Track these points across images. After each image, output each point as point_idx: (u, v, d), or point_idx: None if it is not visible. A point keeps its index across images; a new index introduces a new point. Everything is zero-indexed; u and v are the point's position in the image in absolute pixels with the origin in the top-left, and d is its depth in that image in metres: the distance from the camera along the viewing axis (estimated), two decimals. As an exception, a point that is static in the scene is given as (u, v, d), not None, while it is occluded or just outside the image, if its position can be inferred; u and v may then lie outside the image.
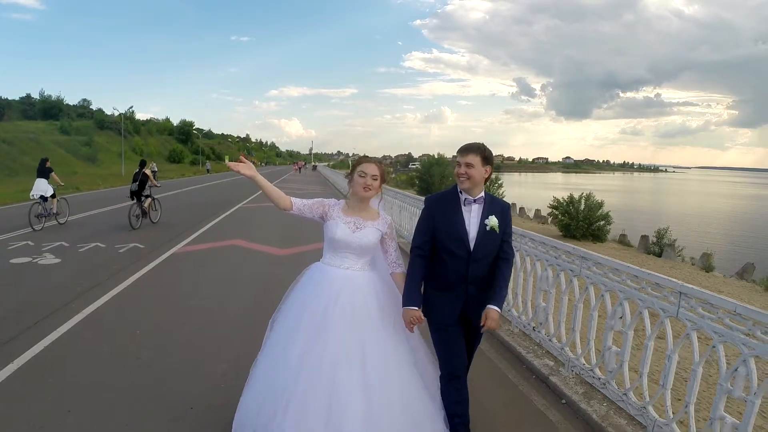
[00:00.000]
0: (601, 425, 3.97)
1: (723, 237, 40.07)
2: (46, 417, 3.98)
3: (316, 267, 3.43)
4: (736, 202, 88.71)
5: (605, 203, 28.54)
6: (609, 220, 28.66)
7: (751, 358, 3.04)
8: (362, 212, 3.38)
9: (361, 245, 3.30)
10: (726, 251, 30.98)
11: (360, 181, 3.29)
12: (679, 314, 3.58)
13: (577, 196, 28.67)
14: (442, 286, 3.34)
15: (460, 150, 3.28)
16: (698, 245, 29.16)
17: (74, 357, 5.14)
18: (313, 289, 3.29)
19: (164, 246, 11.28)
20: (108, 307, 6.87)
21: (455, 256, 3.25)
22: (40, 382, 4.54)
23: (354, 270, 3.32)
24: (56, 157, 53.70)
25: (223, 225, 15.38)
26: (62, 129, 68.65)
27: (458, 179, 3.26)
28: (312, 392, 2.94)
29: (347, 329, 3.10)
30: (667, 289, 3.73)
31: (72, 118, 77.48)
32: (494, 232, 3.26)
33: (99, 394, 4.37)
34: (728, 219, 56.08)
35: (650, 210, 58.30)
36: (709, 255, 22.18)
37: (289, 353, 3.09)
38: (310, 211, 3.36)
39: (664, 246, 24.68)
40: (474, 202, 3.28)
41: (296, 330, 3.15)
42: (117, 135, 74.55)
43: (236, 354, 5.19)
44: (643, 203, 73.03)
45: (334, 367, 2.99)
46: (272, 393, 3.03)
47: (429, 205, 3.39)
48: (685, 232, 37.39)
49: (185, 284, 8.26)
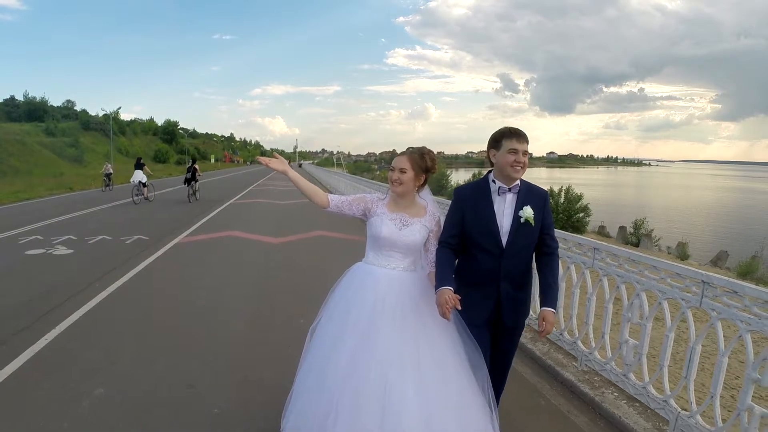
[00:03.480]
0: (620, 419, 3.90)
1: (701, 227, 40.92)
2: (99, 363, 4.80)
3: (359, 268, 3.23)
4: (717, 195, 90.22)
5: (586, 196, 29.33)
6: (588, 212, 29.62)
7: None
8: (408, 208, 3.17)
9: (407, 244, 3.10)
10: (703, 241, 31.83)
11: (390, 175, 3.14)
12: (703, 303, 3.45)
13: (556, 190, 29.60)
14: (471, 283, 3.09)
15: None
16: (676, 235, 29.90)
17: (107, 324, 5.90)
18: (357, 290, 3.09)
19: (167, 237, 11.97)
20: (128, 286, 7.62)
21: (486, 251, 3.03)
22: (84, 342, 5.34)
23: (399, 270, 3.13)
24: (43, 158, 53.89)
25: (218, 219, 16.17)
26: (47, 130, 68.67)
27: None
28: (363, 397, 2.77)
29: (397, 331, 2.92)
30: (689, 279, 3.61)
31: (57, 120, 77.45)
32: (529, 225, 3.02)
33: (139, 348, 5.18)
34: (707, 211, 57.15)
35: (632, 203, 59.23)
36: (684, 244, 22.97)
37: (337, 358, 2.90)
38: (350, 208, 3.18)
39: (641, 236, 25.58)
40: (509, 191, 3.05)
41: (342, 334, 2.96)
42: (102, 136, 74.77)
43: (247, 321, 6.08)
44: (625, 197, 74.04)
45: (385, 370, 2.81)
46: (320, 401, 2.87)
47: (458, 197, 3.16)
48: (665, 224, 38.24)
49: (192, 268, 9.01)
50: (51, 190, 27.16)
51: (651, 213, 42.02)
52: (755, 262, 18.31)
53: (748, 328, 3.11)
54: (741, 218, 48.97)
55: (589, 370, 4.64)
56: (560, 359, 4.93)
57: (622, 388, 4.22)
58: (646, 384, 3.95)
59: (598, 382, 4.43)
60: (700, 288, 3.47)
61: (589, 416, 4.08)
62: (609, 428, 3.91)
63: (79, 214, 16.81)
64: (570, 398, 4.40)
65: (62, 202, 21.15)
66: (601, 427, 3.92)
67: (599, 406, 4.13)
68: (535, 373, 4.88)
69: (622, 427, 3.85)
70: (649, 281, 3.95)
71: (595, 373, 4.56)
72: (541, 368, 4.98)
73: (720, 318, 3.31)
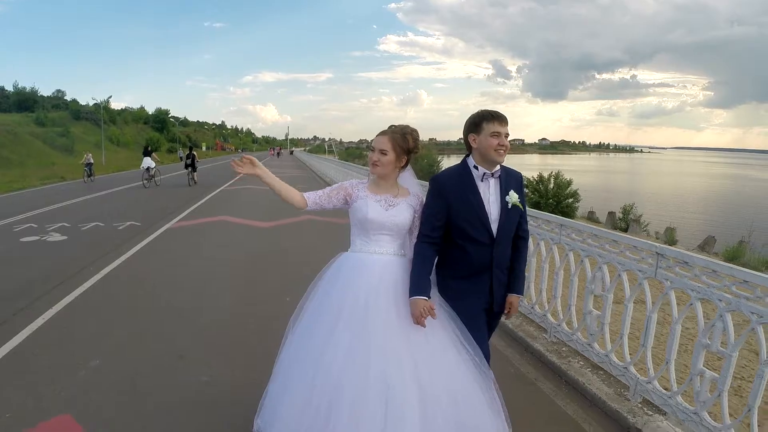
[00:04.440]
0: (584, 385, 4.15)
1: (691, 214, 40.98)
2: (94, 338, 5.10)
3: (347, 257, 3.05)
4: (708, 182, 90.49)
5: (578, 183, 29.42)
6: (577, 197, 29.80)
7: (727, 313, 3.11)
8: (390, 189, 3.02)
9: (396, 224, 2.94)
10: (692, 226, 31.85)
11: (370, 156, 3.01)
12: (657, 274, 3.64)
13: (546, 175, 29.82)
14: (464, 276, 2.98)
15: None
16: (666, 221, 30.00)
17: (101, 304, 6.18)
18: (348, 282, 2.90)
19: (158, 223, 12.26)
20: (121, 267, 7.96)
21: (476, 241, 2.90)
22: (80, 319, 5.64)
23: (390, 255, 2.97)
24: (34, 149, 53.62)
25: (210, 204, 16.68)
26: (38, 120, 68.30)
27: None
28: (363, 398, 2.62)
29: (394, 323, 2.77)
30: (645, 251, 3.82)
31: (47, 110, 77.16)
32: (517, 209, 2.95)
33: (132, 324, 5.50)
34: (698, 197, 57.32)
35: (623, 189, 59.37)
36: (672, 229, 23.05)
37: (330, 358, 2.72)
38: (329, 201, 3.02)
39: (630, 221, 25.79)
40: (491, 176, 2.92)
41: (334, 331, 2.78)
42: (93, 125, 74.39)
43: (235, 298, 6.47)
44: (617, 183, 74.25)
45: (385, 368, 2.66)
46: (311, 404, 2.69)
47: (439, 186, 2.94)
48: (656, 209, 38.31)
49: (184, 250, 9.44)
50: (43, 180, 27.25)
51: (642, 199, 42.14)
52: (742, 247, 18.29)
53: (698, 296, 3.33)
54: (731, 205, 49.16)
55: (558, 341, 4.92)
56: (531, 331, 5.22)
57: (588, 357, 4.49)
58: (609, 352, 4.21)
59: (565, 352, 4.70)
60: (654, 260, 3.70)
61: (554, 383, 4.35)
62: (573, 393, 4.18)
63: (72, 202, 16.99)
64: (538, 367, 4.67)
65: (55, 191, 21.25)
66: (565, 393, 4.19)
67: (565, 373, 4.41)
68: (507, 345, 5.15)
69: (585, 393, 4.13)
70: (610, 254, 4.19)
71: (563, 344, 4.84)
72: (513, 340, 5.26)
73: (673, 287, 3.55)
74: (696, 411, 3.33)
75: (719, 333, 3.19)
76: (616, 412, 3.80)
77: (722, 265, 3.32)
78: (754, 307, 2.97)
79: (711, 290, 3.25)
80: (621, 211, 28.60)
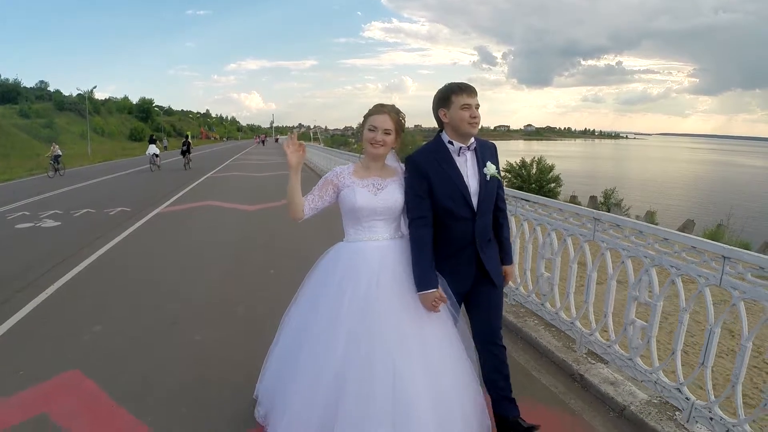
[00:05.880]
0: (536, 340, 4.64)
1: (673, 198, 41.28)
2: (94, 309, 5.58)
3: (343, 247, 2.96)
4: (691, 167, 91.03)
5: (563, 168, 29.76)
6: (559, 182, 30.26)
7: (652, 268, 3.50)
8: (379, 171, 2.92)
9: (388, 207, 2.85)
10: (674, 210, 32.27)
11: (369, 136, 2.83)
12: (595, 237, 4.08)
13: (528, 161, 30.27)
14: (448, 254, 2.92)
15: None
16: (647, 205, 30.32)
17: (98, 280, 6.68)
18: (346, 271, 2.81)
19: (148, 209, 12.74)
20: (115, 248, 8.49)
21: (458, 217, 2.85)
22: (80, 294, 6.11)
23: (386, 240, 2.88)
24: (18, 141, 53.41)
25: (196, 190, 17.35)
26: (21, 112, 68.03)
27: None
28: (368, 390, 2.57)
29: (396, 310, 2.72)
30: (585, 217, 4.25)
31: (31, 101, 76.64)
32: (495, 180, 2.94)
33: (128, 297, 5.98)
34: (680, 182, 57.80)
35: (607, 175, 59.65)
36: (652, 213, 23.41)
37: (333, 352, 2.67)
38: (322, 200, 2.90)
39: (611, 205, 26.05)
40: (468, 149, 2.89)
41: (335, 323, 2.72)
42: (77, 116, 73.96)
43: (222, 272, 7.03)
44: (601, 168, 74.43)
45: (391, 358, 2.61)
46: (316, 401, 2.66)
47: (417, 165, 2.87)
48: (639, 194, 38.76)
49: (174, 232, 10.01)
50: (30, 171, 27.42)
51: (625, 184, 42.47)
52: (720, 230, 18.49)
53: (628, 255, 3.76)
54: (713, 190, 49.54)
55: (516, 303, 5.38)
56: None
57: (541, 316, 4.97)
58: (558, 310, 4.68)
59: (522, 313, 5.17)
60: (593, 224, 4.15)
61: (511, 339, 4.77)
62: (527, 347, 4.65)
63: (62, 191, 17.38)
64: (498, 327, 5.17)
65: (44, 181, 21.42)
66: (520, 347, 4.65)
67: (521, 330, 4.88)
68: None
69: (537, 347, 4.60)
70: (557, 222, 4.66)
71: (521, 306, 5.31)
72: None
73: (608, 248, 3.99)
74: (630, 357, 3.75)
75: (646, 286, 3.61)
76: (563, 361, 4.25)
77: (647, 225, 3.79)
78: (673, 261, 3.38)
79: (638, 248, 3.67)
80: (602, 195, 28.94)
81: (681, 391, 3.33)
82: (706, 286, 3.15)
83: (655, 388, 3.56)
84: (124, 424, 3.36)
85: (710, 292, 3.16)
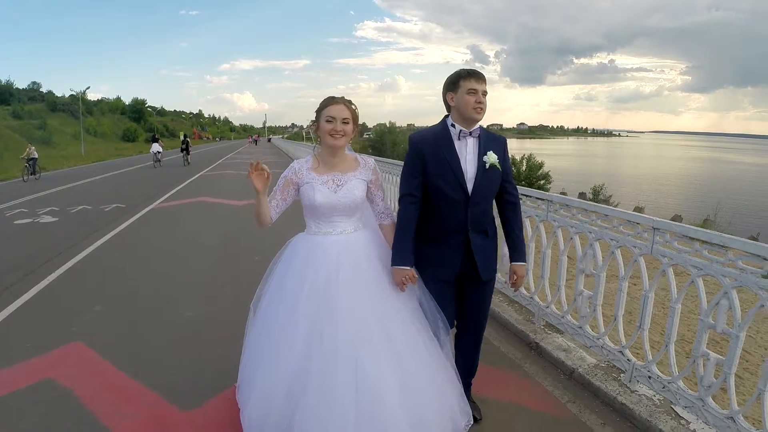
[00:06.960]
0: (500, 314, 4.98)
1: (662, 194, 41.44)
2: (94, 292, 5.98)
3: (303, 239, 2.95)
4: (683, 165, 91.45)
5: (555, 166, 30.12)
6: (549, 179, 30.68)
7: (596, 241, 3.63)
8: (338, 165, 2.89)
9: (347, 204, 2.83)
10: (661, 206, 32.64)
11: (327, 128, 2.78)
12: (548, 217, 4.28)
13: (519, 158, 30.68)
14: (437, 237, 2.93)
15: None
16: (636, 201, 30.38)
17: (97, 268, 7.13)
18: (305, 262, 2.80)
19: (142, 205, 13.19)
20: (112, 240, 8.96)
21: (451, 200, 2.85)
22: (80, 279, 6.54)
23: (348, 233, 2.87)
24: (12, 141, 53.37)
25: (189, 187, 17.86)
26: (14, 113, 68.27)
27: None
28: (331, 381, 2.52)
29: (358, 300, 2.69)
30: (540, 200, 4.49)
31: (23, 102, 76.92)
32: (496, 170, 2.90)
33: (126, 282, 6.41)
34: (671, 179, 57.95)
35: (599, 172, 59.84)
36: (641, 208, 23.78)
37: (292, 341, 2.64)
38: (284, 201, 2.92)
39: (599, 201, 26.70)
40: (470, 135, 2.90)
41: (294, 313, 2.68)
42: (69, 117, 74.07)
43: (213, 259, 7.56)
44: (593, 166, 74.61)
45: (353, 347, 2.58)
46: (279, 393, 2.61)
47: (416, 144, 2.91)
48: (629, 190, 39.05)
49: (169, 225, 10.53)
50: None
51: (616, 181, 42.53)
52: (706, 225, 18.79)
53: (576, 231, 4.17)
54: (703, 186, 49.73)
55: (483, 282, 5.80)
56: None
57: (505, 293, 5.40)
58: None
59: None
60: (546, 205, 4.59)
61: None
62: (490, 321, 4.84)
63: (57, 189, 17.83)
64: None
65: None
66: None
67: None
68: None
69: (499, 320, 5.01)
70: (525, 206, 4.86)
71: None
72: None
73: (559, 226, 4.41)
74: (580, 325, 4.15)
75: (591, 259, 3.99)
76: (522, 332, 4.66)
77: (590, 204, 4.19)
78: (612, 234, 3.77)
79: (583, 225, 4.07)
80: (591, 191, 29.29)
81: (623, 354, 3.70)
82: (640, 255, 3.51)
83: (602, 352, 3.92)
84: (123, 385, 3.78)
85: (644, 261, 3.51)
